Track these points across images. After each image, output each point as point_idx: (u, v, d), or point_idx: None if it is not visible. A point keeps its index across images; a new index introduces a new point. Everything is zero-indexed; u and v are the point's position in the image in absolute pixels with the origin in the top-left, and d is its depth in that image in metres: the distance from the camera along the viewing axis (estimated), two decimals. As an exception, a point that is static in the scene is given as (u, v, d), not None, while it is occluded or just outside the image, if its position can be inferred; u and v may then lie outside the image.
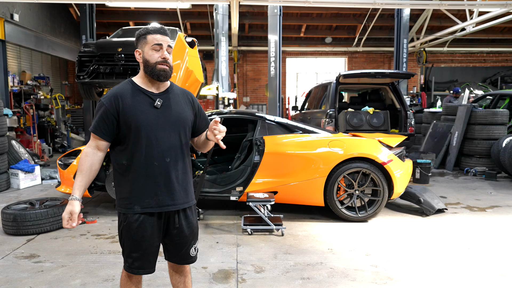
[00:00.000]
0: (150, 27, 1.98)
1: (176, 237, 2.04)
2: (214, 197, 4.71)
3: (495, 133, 7.67)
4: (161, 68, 1.93)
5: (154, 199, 1.94)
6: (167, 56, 1.95)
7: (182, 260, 2.11)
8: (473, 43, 16.27)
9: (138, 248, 1.96)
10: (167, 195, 1.95)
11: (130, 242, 1.96)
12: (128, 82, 2.00)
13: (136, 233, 1.94)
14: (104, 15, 13.93)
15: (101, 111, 1.91)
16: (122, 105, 1.90)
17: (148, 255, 1.98)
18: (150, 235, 1.95)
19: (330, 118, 6.95)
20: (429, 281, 3.02)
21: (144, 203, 1.93)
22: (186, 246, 2.08)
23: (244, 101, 16.21)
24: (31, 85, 10.87)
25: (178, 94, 2.05)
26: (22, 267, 3.30)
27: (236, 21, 10.96)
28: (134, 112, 1.90)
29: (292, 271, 3.22)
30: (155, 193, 1.94)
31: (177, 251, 2.08)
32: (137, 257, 1.97)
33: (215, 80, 9.35)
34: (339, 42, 16.10)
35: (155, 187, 1.94)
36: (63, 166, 4.90)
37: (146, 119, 1.91)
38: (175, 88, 2.08)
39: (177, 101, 2.02)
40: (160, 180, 1.94)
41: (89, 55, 6.10)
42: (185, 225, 2.04)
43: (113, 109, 1.90)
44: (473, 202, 5.50)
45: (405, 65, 11.21)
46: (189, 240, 2.07)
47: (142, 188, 1.93)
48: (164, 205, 1.95)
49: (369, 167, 4.50)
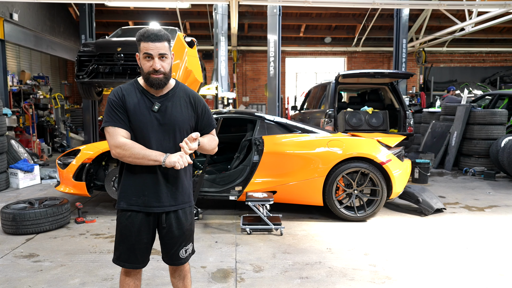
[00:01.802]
0: (144, 33, 1.91)
1: (165, 237, 2.07)
2: (213, 196, 4.72)
3: (494, 133, 7.69)
4: (154, 78, 1.92)
5: (141, 198, 1.99)
6: (157, 67, 1.89)
7: (171, 260, 2.12)
8: (472, 43, 16.29)
9: (125, 241, 2.02)
10: (153, 196, 1.99)
11: (119, 235, 2.04)
12: (133, 82, 2.03)
13: (124, 227, 2.01)
14: (103, 15, 13.92)
15: (111, 105, 1.95)
16: (126, 102, 1.95)
17: (135, 250, 2.02)
18: (137, 231, 2.00)
19: (329, 118, 6.96)
20: (428, 281, 3.03)
21: (132, 200, 1.99)
22: (176, 247, 2.08)
23: (244, 101, 16.22)
24: (30, 84, 10.85)
25: (179, 97, 2.03)
26: (21, 266, 3.30)
27: (235, 20, 10.96)
28: (133, 113, 1.95)
29: (291, 271, 3.23)
30: (143, 193, 1.99)
31: (166, 251, 2.10)
32: (123, 250, 2.03)
33: (215, 79, 9.36)
34: (339, 42, 16.11)
35: (142, 187, 1.98)
36: (62, 166, 4.90)
37: (142, 121, 1.94)
38: (178, 89, 2.05)
39: (176, 104, 2.01)
40: (148, 181, 1.98)
41: (89, 55, 6.10)
42: (174, 226, 2.04)
43: (121, 102, 1.95)
44: (471, 202, 5.51)
45: (404, 65, 11.22)
46: (178, 242, 2.07)
47: (132, 186, 2.00)
48: (150, 205, 1.99)
49: (368, 167, 4.50)
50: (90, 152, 4.81)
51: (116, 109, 1.93)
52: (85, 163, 4.77)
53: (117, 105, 1.93)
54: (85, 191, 4.80)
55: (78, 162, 4.76)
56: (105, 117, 1.95)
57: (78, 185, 4.78)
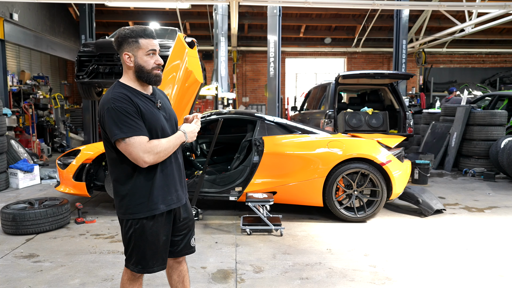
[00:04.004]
0: (144, 30, 1.89)
1: (180, 228, 2.10)
2: (213, 197, 4.72)
3: (493, 134, 7.69)
4: (156, 74, 1.94)
5: (174, 195, 2.00)
6: (161, 61, 1.95)
7: (184, 251, 2.13)
8: (472, 44, 16.31)
9: (156, 250, 1.96)
10: (181, 189, 2.05)
11: (147, 246, 1.93)
12: (123, 86, 1.89)
13: (152, 235, 1.93)
14: (103, 15, 13.92)
15: (127, 113, 1.79)
16: (140, 106, 1.85)
17: (162, 253, 2.02)
18: (166, 233, 2.00)
19: (329, 119, 6.96)
20: (428, 282, 3.03)
21: (167, 200, 1.96)
22: (188, 236, 2.14)
23: (243, 101, 16.22)
24: (30, 84, 10.85)
25: (158, 93, 2.08)
26: (21, 267, 3.30)
27: (235, 21, 10.98)
28: (149, 115, 1.87)
29: (291, 271, 3.23)
30: (175, 188, 2.01)
31: (179, 243, 2.12)
32: (151, 257, 1.95)
33: (215, 80, 9.36)
34: (338, 42, 16.12)
35: (174, 182, 2.00)
36: (62, 166, 4.90)
37: (157, 120, 1.91)
38: (155, 88, 2.09)
39: (163, 99, 2.07)
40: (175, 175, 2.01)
41: (89, 55, 6.11)
42: (188, 215, 2.12)
43: (135, 108, 1.83)
44: (471, 203, 5.51)
45: (404, 66, 11.22)
46: (190, 231, 2.15)
47: (164, 185, 1.94)
48: (180, 199, 2.04)
49: (368, 167, 4.51)
50: (90, 153, 4.81)
51: (133, 116, 1.80)
52: (85, 163, 4.77)
53: (134, 112, 1.81)
54: (85, 191, 4.79)
55: (78, 162, 4.76)
56: (121, 126, 1.77)
57: (78, 185, 4.78)
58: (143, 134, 1.81)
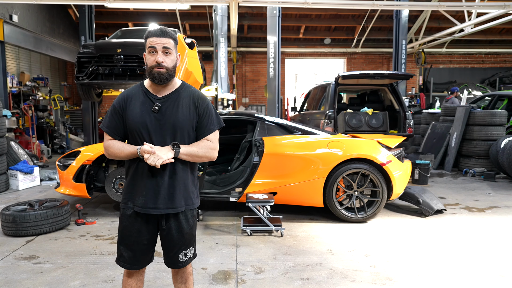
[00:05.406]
0: (151, 29, 1.99)
1: (164, 239, 2.07)
2: (214, 198, 4.71)
3: (493, 134, 7.69)
4: (156, 72, 1.94)
5: (141, 199, 1.99)
6: (160, 60, 1.92)
7: (170, 263, 2.12)
8: (472, 44, 16.31)
9: (125, 242, 2.05)
10: (151, 198, 1.99)
11: (120, 234, 2.08)
12: (138, 85, 2.08)
13: (124, 228, 2.05)
14: (103, 16, 13.92)
15: (112, 111, 2.05)
16: (127, 106, 2.00)
17: (135, 251, 2.04)
18: (137, 232, 2.02)
19: (329, 119, 6.96)
20: (428, 282, 3.03)
21: (135, 201, 2.01)
22: (175, 250, 2.06)
23: (243, 102, 16.22)
24: (30, 86, 10.84)
25: (183, 98, 2.02)
26: (21, 268, 3.29)
27: (235, 22, 10.97)
28: (134, 115, 1.99)
29: (291, 272, 3.23)
30: (142, 194, 2.00)
31: (166, 253, 2.11)
32: (123, 251, 2.05)
33: (214, 81, 9.36)
34: (338, 43, 16.12)
35: (143, 188, 1.99)
36: (62, 167, 4.90)
37: (142, 122, 1.96)
38: (182, 91, 2.04)
39: (178, 105, 2.00)
40: (149, 182, 1.99)
41: (88, 56, 6.10)
42: (174, 229, 2.03)
43: (120, 109, 2.02)
44: (471, 203, 5.51)
45: (403, 66, 11.22)
46: (177, 245, 2.05)
47: (134, 186, 2.02)
48: (147, 207, 1.99)
49: (368, 168, 4.50)
50: (90, 154, 4.81)
51: (112, 114, 2.04)
52: (85, 164, 4.77)
53: (115, 113, 2.03)
54: (85, 192, 4.79)
55: (78, 163, 4.76)
56: (105, 118, 2.08)
57: (78, 186, 4.77)
58: (108, 131, 2.04)
